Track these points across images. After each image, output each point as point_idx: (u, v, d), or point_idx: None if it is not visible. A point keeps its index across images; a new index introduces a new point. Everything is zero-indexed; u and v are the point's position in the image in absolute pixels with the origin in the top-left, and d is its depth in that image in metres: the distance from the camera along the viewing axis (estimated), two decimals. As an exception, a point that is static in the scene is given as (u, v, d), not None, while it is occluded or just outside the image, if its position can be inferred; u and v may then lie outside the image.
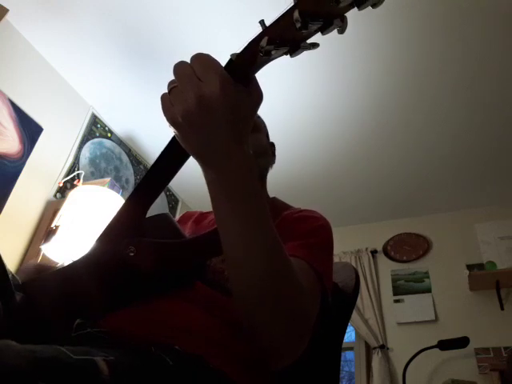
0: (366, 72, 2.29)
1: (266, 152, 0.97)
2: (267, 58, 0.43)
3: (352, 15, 0.39)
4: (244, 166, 0.49)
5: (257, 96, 0.49)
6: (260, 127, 0.98)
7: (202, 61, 0.46)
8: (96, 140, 2.70)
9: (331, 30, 0.39)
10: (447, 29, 2.03)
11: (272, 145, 1.04)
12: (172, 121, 0.47)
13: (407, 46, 2.13)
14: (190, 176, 1.77)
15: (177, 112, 0.46)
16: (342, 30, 0.39)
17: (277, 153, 1.07)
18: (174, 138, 0.53)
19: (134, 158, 3.02)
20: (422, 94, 2.39)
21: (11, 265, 2.03)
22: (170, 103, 0.47)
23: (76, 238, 1.94)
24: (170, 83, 0.48)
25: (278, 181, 2.73)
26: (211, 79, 0.44)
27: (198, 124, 0.46)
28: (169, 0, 2.01)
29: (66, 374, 0.36)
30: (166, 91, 0.49)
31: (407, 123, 2.59)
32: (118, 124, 2.84)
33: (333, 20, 0.38)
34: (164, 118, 0.48)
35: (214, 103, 0.45)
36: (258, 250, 0.50)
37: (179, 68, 0.47)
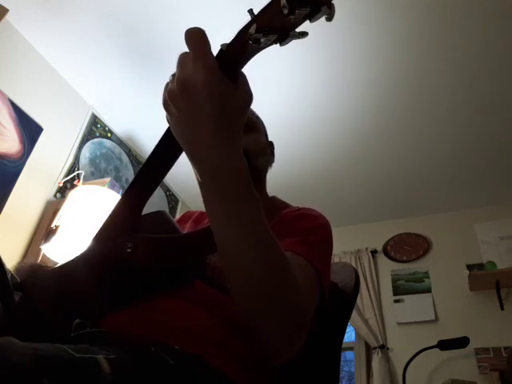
0: (366, 72, 2.29)
1: (265, 151, 0.97)
2: (257, 46, 0.43)
3: (352, 15, 0.39)
4: (232, 161, 0.49)
5: (245, 93, 0.49)
6: (259, 127, 0.98)
7: (195, 45, 0.47)
8: (96, 140, 2.70)
9: (319, 18, 0.39)
10: (447, 29, 2.03)
11: (271, 144, 1.04)
12: (163, 101, 0.49)
13: (407, 46, 2.13)
14: (190, 176, 1.77)
15: (166, 91, 0.49)
16: (329, 18, 0.39)
17: (277, 153, 1.07)
18: (166, 131, 0.54)
19: (134, 158, 3.02)
20: (421, 94, 2.39)
21: (11, 265, 2.03)
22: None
23: (76, 237, 1.94)
24: None
25: (278, 181, 2.73)
26: (197, 66, 0.46)
27: (181, 107, 0.47)
28: (169, 0, 2.02)
29: (69, 371, 0.36)
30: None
31: (407, 123, 2.59)
32: (118, 124, 2.84)
33: (320, 7, 0.38)
34: (163, 118, 0.49)
35: (196, 89, 0.45)
36: (252, 249, 0.50)
37: (181, 54, 0.49)
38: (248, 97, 0.49)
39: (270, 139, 1.06)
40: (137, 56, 2.33)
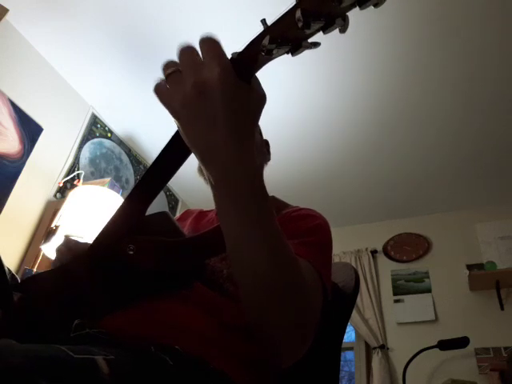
0: (366, 71, 2.29)
1: (261, 150, 0.98)
2: (269, 56, 0.43)
3: (354, 16, 0.39)
4: (246, 162, 0.48)
5: (259, 94, 0.48)
6: None
7: (210, 48, 0.46)
8: (96, 140, 2.70)
9: (333, 30, 0.39)
10: (448, 27, 2.03)
11: (266, 143, 1.05)
12: (171, 107, 0.46)
13: (408, 44, 2.13)
14: (190, 176, 1.77)
15: (176, 98, 0.45)
16: (343, 30, 0.39)
17: (277, 153, 1.08)
18: (174, 135, 0.52)
19: (134, 158, 3.02)
20: (422, 93, 2.39)
21: (11, 265, 2.03)
22: (168, 90, 0.46)
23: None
24: (166, 67, 0.47)
25: (279, 181, 2.73)
26: (214, 67, 0.44)
27: (196, 111, 0.45)
28: (169, 0, 2.01)
29: (67, 372, 0.36)
30: (161, 77, 0.47)
31: (407, 123, 2.59)
32: (118, 124, 2.84)
33: (335, 19, 0.38)
34: (163, 118, 0.48)
35: (214, 91, 0.44)
36: (263, 247, 0.49)
37: (185, 52, 0.46)
38: (262, 98, 0.48)
39: (269, 139, 1.06)
40: (137, 56, 2.32)
